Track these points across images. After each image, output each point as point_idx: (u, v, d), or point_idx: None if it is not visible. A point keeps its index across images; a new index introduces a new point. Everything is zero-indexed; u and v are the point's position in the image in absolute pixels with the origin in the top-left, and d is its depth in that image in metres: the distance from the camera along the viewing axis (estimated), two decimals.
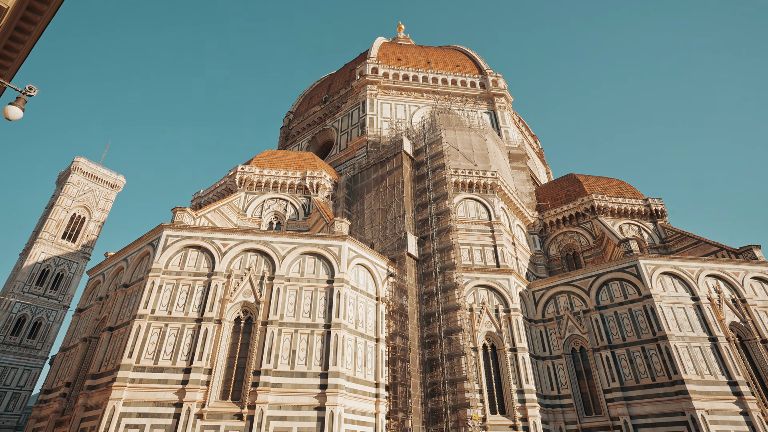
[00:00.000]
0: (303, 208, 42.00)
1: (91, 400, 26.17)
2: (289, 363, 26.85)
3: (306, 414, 25.44)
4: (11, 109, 9.52)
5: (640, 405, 30.89)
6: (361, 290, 31.85)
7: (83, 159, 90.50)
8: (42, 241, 79.07)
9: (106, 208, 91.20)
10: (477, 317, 35.35)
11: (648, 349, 32.18)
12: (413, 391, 30.21)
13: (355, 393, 27.59)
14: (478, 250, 39.66)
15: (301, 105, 72.37)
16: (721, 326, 32.76)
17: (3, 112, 9.44)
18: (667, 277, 34.99)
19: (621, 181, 51.19)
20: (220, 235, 30.80)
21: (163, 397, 24.85)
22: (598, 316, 35.14)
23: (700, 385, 29.89)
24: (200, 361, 26.06)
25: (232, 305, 28.49)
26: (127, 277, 30.86)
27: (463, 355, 31.86)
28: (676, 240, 43.97)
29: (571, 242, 46.76)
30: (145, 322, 26.76)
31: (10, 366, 70.74)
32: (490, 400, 32.69)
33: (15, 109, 9.59)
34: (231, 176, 42.55)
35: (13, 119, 9.58)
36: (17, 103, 9.71)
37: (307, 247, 31.27)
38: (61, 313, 78.13)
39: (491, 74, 61.14)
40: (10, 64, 10.76)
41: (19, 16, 12.72)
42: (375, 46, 66.35)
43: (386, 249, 36.98)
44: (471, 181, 42.86)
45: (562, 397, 34.43)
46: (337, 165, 53.53)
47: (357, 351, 29.27)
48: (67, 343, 33.90)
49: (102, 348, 28.08)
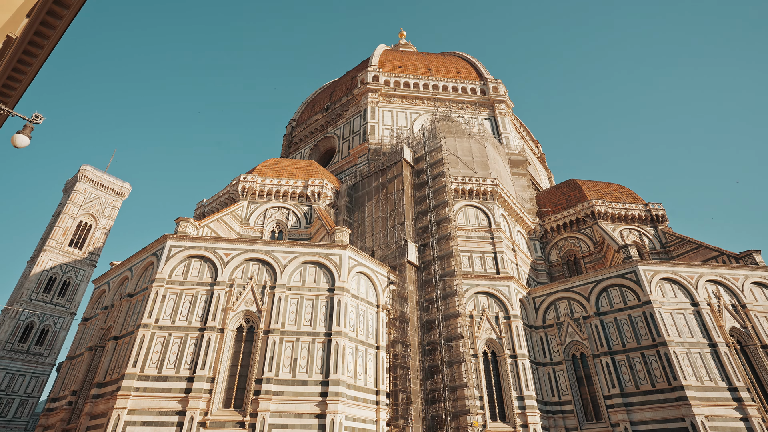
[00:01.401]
0: (305, 216, 42.50)
1: (96, 409, 26.67)
2: (290, 371, 27.24)
3: (307, 422, 25.79)
4: (19, 137, 10.05)
5: (640, 411, 30.99)
6: (361, 298, 32.22)
7: (89, 167, 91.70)
8: (49, 248, 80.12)
9: (112, 215, 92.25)
10: (477, 324, 35.59)
11: (648, 355, 32.29)
12: (414, 398, 30.49)
13: (355, 400, 27.92)
14: (479, 256, 39.95)
15: (304, 113, 73.03)
16: (720, 332, 32.82)
17: (11, 141, 9.95)
18: (666, 283, 35.10)
19: (622, 186, 51.32)
20: (222, 245, 31.32)
21: (166, 405, 25.30)
22: (598, 322, 35.29)
23: (699, 391, 29.96)
24: (203, 370, 26.51)
25: (235, 314, 28.96)
26: (131, 287, 31.43)
27: (463, 362, 32.12)
28: (677, 245, 44.04)
29: (572, 248, 46.93)
30: (149, 332, 27.27)
31: (18, 373, 71.61)
32: (491, 406, 32.89)
33: (22, 137, 10.12)
34: (234, 185, 43.15)
35: (21, 147, 10.11)
36: (24, 131, 10.24)
37: (308, 256, 31.72)
38: (68, 320, 78.99)
39: (492, 80, 61.57)
40: (14, 92, 11.29)
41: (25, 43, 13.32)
42: (376, 53, 66.99)
43: (387, 256, 37.37)
44: (471, 188, 43.20)
45: (563, 403, 34.56)
46: (339, 173, 54.06)
47: (358, 359, 29.62)
48: (73, 352, 34.49)
49: (107, 357, 28.62)
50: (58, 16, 14.11)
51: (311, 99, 75.84)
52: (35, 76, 12.95)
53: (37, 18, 13.66)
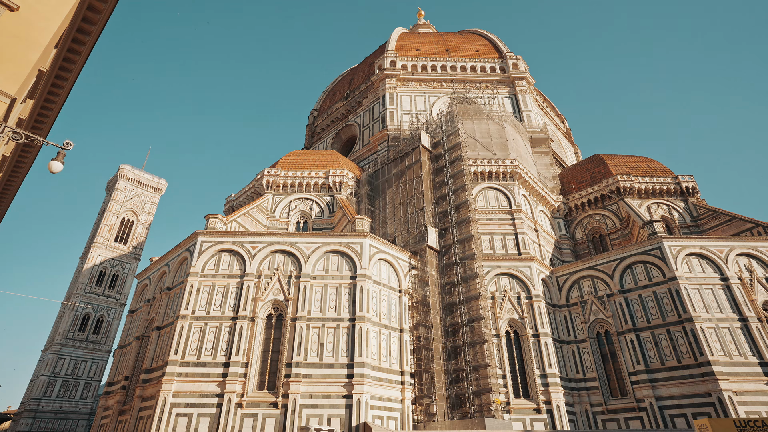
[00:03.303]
0: (327, 206, 43.88)
1: (146, 392, 29.39)
2: (317, 355, 28.96)
3: (335, 402, 27.52)
4: (54, 164, 11.52)
5: (665, 387, 31.01)
6: (383, 284, 33.43)
7: (128, 166, 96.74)
8: (97, 245, 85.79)
9: (151, 210, 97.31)
10: (499, 305, 36.19)
11: (673, 331, 32.06)
12: (437, 378, 31.70)
13: (380, 381, 29.41)
14: (499, 238, 40.23)
15: (325, 102, 73.97)
16: (752, 306, 32.07)
17: (48, 167, 11.42)
18: (694, 258, 34.42)
19: (650, 159, 49.76)
20: (249, 238, 33.14)
21: (206, 389, 27.61)
22: (622, 300, 35.14)
23: (728, 366, 29.63)
24: (237, 356, 28.61)
25: (264, 303, 30.84)
26: (169, 281, 33.88)
27: (485, 342, 32.93)
28: (709, 218, 42.65)
29: (597, 225, 46.28)
30: (187, 322, 29.57)
31: (80, 359, 78.18)
32: (514, 384, 33.70)
33: (57, 163, 11.59)
34: (258, 180, 44.95)
35: (56, 172, 11.58)
36: (58, 158, 11.71)
37: (331, 245, 33.09)
38: (119, 310, 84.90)
39: (511, 57, 60.31)
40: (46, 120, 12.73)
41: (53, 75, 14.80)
42: (393, 37, 66.69)
43: (408, 242, 38.29)
44: (490, 170, 43.20)
45: (588, 380, 34.91)
46: (360, 161, 54.98)
47: (381, 342, 31.01)
48: (123, 341, 37.68)
49: (152, 346, 31.27)
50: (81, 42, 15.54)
51: (332, 87, 76.60)
52: (64, 103, 14.44)
53: (63, 48, 15.14)
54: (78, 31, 15.16)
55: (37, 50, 12.48)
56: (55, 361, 75.19)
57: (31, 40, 12.29)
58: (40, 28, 12.54)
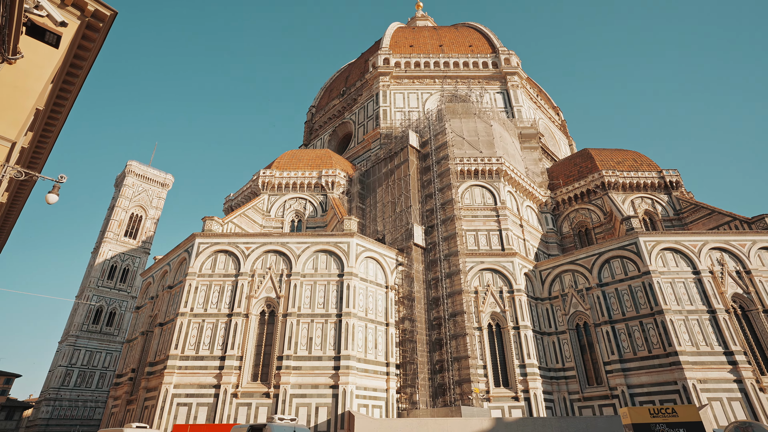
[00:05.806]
0: (321, 205, 45.80)
1: (150, 384, 31.94)
2: (307, 349, 31.17)
3: (323, 392, 29.78)
4: (50, 196, 13.50)
5: (636, 375, 32.78)
6: (370, 281, 35.42)
7: (135, 162, 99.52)
8: (108, 240, 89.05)
9: (159, 205, 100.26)
10: (482, 299, 38.03)
11: (645, 323, 33.68)
12: (421, 369, 33.81)
13: (366, 372, 31.58)
14: (484, 235, 41.87)
15: (322, 98, 75.35)
16: (721, 298, 33.51)
17: (45, 199, 13.42)
18: (668, 253, 35.80)
19: (637, 153, 50.69)
20: (243, 239, 35.24)
21: (204, 380, 30.02)
22: (599, 293, 36.76)
23: (694, 356, 31.27)
24: (233, 350, 30.93)
25: (257, 301, 33.04)
26: (170, 280, 36.23)
27: (467, 335, 34.89)
28: (690, 211, 43.77)
29: (583, 219, 47.63)
30: (186, 319, 31.91)
31: (95, 350, 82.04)
32: (494, 374, 35.71)
33: (53, 195, 13.56)
34: (255, 180, 46.94)
35: (52, 203, 13.56)
36: (53, 191, 13.68)
37: (320, 245, 35.08)
38: (131, 303, 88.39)
39: (504, 52, 61.08)
40: (41, 155, 14.68)
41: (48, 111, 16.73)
42: (388, 34, 67.63)
43: (396, 239, 40.14)
44: (476, 168, 44.65)
45: (566, 369, 36.78)
46: (354, 158, 56.63)
47: (368, 335, 33.11)
48: (130, 335, 40.34)
49: (155, 340, 33.76)
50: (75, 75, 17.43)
51: (329, 84, 77.85)
52: (57, 138, 16.38)
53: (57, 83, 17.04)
54: (71, 66, 17.06)
55: (33, 97, 14.39)
56: (71, 352, 79.07)
57: (27, 89, 14.18)
58: (35, 77, 14.42)
